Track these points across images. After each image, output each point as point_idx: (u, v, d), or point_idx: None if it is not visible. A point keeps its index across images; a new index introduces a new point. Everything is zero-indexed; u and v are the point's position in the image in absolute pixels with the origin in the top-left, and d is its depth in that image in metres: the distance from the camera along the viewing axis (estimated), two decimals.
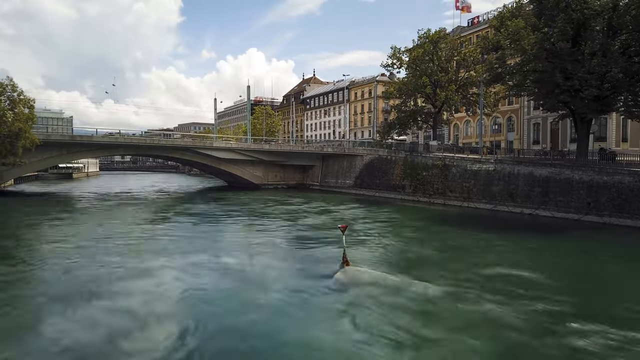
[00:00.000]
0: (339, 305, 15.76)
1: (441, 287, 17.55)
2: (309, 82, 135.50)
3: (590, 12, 35.16)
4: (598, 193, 35.81)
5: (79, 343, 12.67)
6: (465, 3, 70.85)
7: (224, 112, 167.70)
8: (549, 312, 15.14)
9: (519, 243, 27.66)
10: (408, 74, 59.34)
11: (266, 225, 34.83)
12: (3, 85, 53.21)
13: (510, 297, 16.65)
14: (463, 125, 72.72)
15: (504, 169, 43.71)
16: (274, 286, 18.22)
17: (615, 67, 33.97)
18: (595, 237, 30.23)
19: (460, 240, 28.39)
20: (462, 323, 14.14)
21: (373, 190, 59.78)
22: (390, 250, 26.18)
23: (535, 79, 40.59)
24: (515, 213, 40.33)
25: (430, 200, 50.00)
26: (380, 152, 62.11)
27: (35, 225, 34.99)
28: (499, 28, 42.16)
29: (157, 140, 71.25)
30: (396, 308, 15.39)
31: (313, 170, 75.42)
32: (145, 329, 13.82)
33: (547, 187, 39.28)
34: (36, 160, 58.77)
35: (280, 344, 12.80)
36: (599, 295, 16.94)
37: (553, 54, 36.87)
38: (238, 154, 69.71)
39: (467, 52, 57.21)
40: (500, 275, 20.13)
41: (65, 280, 18.89)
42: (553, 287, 18.04)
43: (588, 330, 13.44)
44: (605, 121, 49.41)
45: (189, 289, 17.69)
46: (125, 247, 25.34)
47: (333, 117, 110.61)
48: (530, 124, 59.81)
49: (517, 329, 13.78)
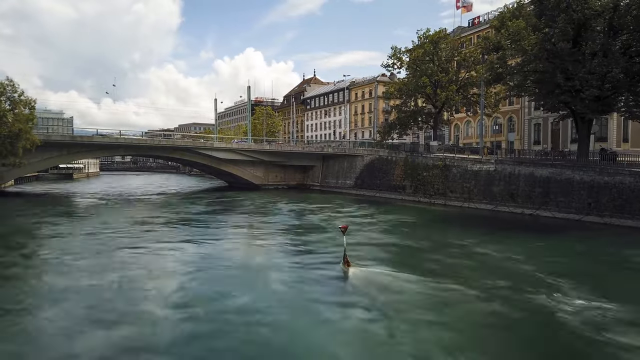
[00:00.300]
0: (339, 307, 15.75)
1: (442, 287, 17.57)
2: (310, 82, 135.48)
3: (591, 13, 35.11)
4: (599, 193, 35.76)
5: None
6: (465, 2, 70.81)
7: (224, 113, 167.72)
8: (553, 311, 15.15)
9: (520, 243, 27.53)
10: (408, 74, 59.28)
11: (266, 226, 34.77)
12: (3, 86, 53.13)
13: (509, 295, 16.68)
14: (464, 126, 72.68)
15: (504, 169, 43.65)
16: (272, 288, 18.13)
17: (616, 68, 33.97)
18: (596, 238, 30.17)
19: (461, 241, 28.25)
20: (468, 323, 14.20)
21: (373, 190, 59.73)
22: (391, 251, 26.12)
23: (535, 79, 40.58)
24: (516, 213, 40.28)
25: (431, 200, 49.95)
26: (381, 152, 62.06)
27: (40, 227, 34.95)
28: (499, 28, 42.17)
29: (157, 141, 71.12)
30: (396, 308, 15.37)
31: (313, 171, 75.38)
32: (150, 330, 13.74)
33: (548, 187, 39.23)
34: (36, 161, 58.74)
35: (279, 346, 12.76)
36: (599, 296, 16.87)
37: (554, 55, 36.83)
38: (238, 155, 69.66)
39: (468, 52, 57.16)
40: (500, 274, 20.11)
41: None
42: (556, 286, 17.99)
43: (592, 332, 13.45)
44: (606, 121, 49.35)
45: (179, 289, 17.78)
46: (128, 246, 25.35)
47: (333, 117, 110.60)
48: (531, 124, 59.76)
49: (512, 323, 13.90)
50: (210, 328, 13.82)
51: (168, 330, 13.65)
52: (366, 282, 18.12)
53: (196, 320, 14.39)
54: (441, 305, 15.90)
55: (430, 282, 18.19)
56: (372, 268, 20.39)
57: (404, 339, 13.16)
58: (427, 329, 13.87)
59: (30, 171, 67.67)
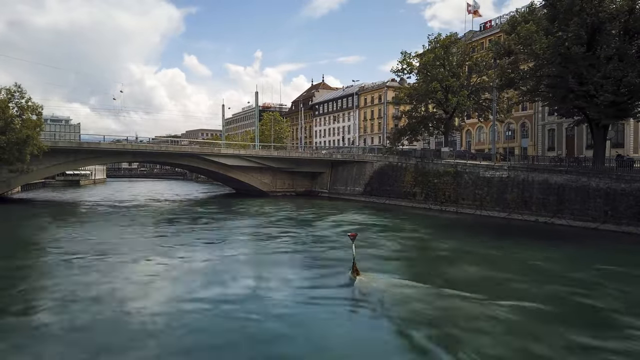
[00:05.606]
0: (348, 317, 15.46)
1: (454, 297, 17.05)
2: (318, 87, 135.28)
3: (605, 16, 34.27)
4: (616, 201, 34.79)
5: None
6: (476, 7, 70.07)
7: (232, 119, 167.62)
8: (567, 321, 14.59)
9: (537, 253, 26.62)
10: (418, 79, 58.48)
11: (274, 234, 34.09)
12: (11, 92, 53.08)
13: (519, 303, 16.22)
14: (475, 132, 71.72)
15: (517, 176, 42.70)
16: (280, 298, 17.61)
17: (632, 72, 33.12)
18: (614, 247, 29.34)
19: (473, 249, 27.58)
20: (478, 335, 13.68)
21: (383, 197, 58.86)
22: (401, 259, 25.55)
23: (549, 84, 39.71)
24: (530, 221, 39.32)
25: (442, 207, 49.04)
26: (391, 158, 61.21)
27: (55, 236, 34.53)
28: (510, 33, 41.40)
29: (164, 147, 70.79)
30: (406, 318, 15.05)
31: (322, 177, 74.61)
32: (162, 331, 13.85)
33: (563, 194, 38.25)
34: (44, 167, 58.59)
35: (286, 352, 12.67)
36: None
37: (567, 59, 35.93)
38: (246, 161, 69.01)
39: (479, 56, 56.35)
40: (514, 283, 19.61)
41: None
42: (574, 297, 17.39)
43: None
44: (623, 127, 48.38)
45: (182, 298, 17.35)
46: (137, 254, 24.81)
47: (342, 123, 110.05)
48: (544, 130, 58.76)
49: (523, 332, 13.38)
50: (217, 333, 13.86)
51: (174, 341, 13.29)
52: (375, 291, 17.79)
53: (200, 323, 14.39)
54: (453, 316, 15.37)
55: (443, 292, 17.66)
56: (381, 277, 19.93)
57: (413, 349, 12.82)
58: (439, 340, 13.39)
59: (37, 178, 67.47)
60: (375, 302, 16.71)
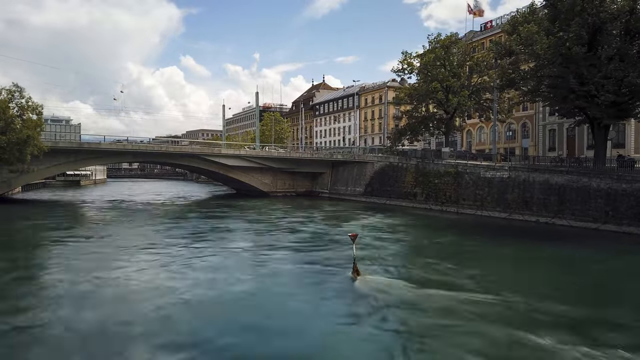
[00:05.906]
0: (347, 317, 15.44)
1: (455, 297, 16.97)
2: (319, 87, 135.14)
3: (606, 16, 34.24)
4: (617, 201, 34.72)
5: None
6: (477, 7, 70.01)
7: (232, 119, 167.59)
8: (567, 324, 14.52)
9: (535, 252, 26.68)
10: (419, 79, 58.45)
11: (275, 233, 34.06)
12: (12, 92, 53.02)
13: (519, 304, 16.24)
14: (476, 132, 71.64)
15: (518, 176, 42.64)
16: (280, 298, 17.62)
17: (633, 72, 33.09)
18: (614, 247, 29.24)
19: (474, 250, 27.53)
20: (479, 335, 13.55)
21: (384, 198, 58.80)
22: (402, 260, 25.45)
23: (549, 84, 39.64)
24: (531, 222, 39.25)
25: (443, 208, 48.97)
26: (391, 159, 61.19)
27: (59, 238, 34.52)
28: (511, 33, 41.33)
29: (164, 147, 70.70)
30: (406, 319, 15.08)
31: (322, 178, 74.55)
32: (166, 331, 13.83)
33: (564, 195, 38.18)
34: (44, 168, 58.53)
35: (288, 354, 12.60)
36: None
37: (568, 59, 35.87)
38: (246, 161, 68.97)
39: (480, 57, 56.27)
40: (515, 283, 19.57)
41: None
42: (573, 298, 17.33)
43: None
44: (624, 127, 48.28)
45: (182, 299, 17.30)
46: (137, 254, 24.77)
47: (343, 123, 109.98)
48: (545, 130, 58.69)
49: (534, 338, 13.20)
50: (216, 332, 13.90)
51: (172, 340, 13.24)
52: (375, 292, 17.73)
53: (200, 322, 14.47)
54: (453, 316, 15.26)
55: (443, 293, 17.62)
56: (382, 277, 19.94)
57: (414, 350, 12.78)
58: (439, 340, 13.37)
59: (37, 178, 67.37)
60: (376, 302, 16.66)
